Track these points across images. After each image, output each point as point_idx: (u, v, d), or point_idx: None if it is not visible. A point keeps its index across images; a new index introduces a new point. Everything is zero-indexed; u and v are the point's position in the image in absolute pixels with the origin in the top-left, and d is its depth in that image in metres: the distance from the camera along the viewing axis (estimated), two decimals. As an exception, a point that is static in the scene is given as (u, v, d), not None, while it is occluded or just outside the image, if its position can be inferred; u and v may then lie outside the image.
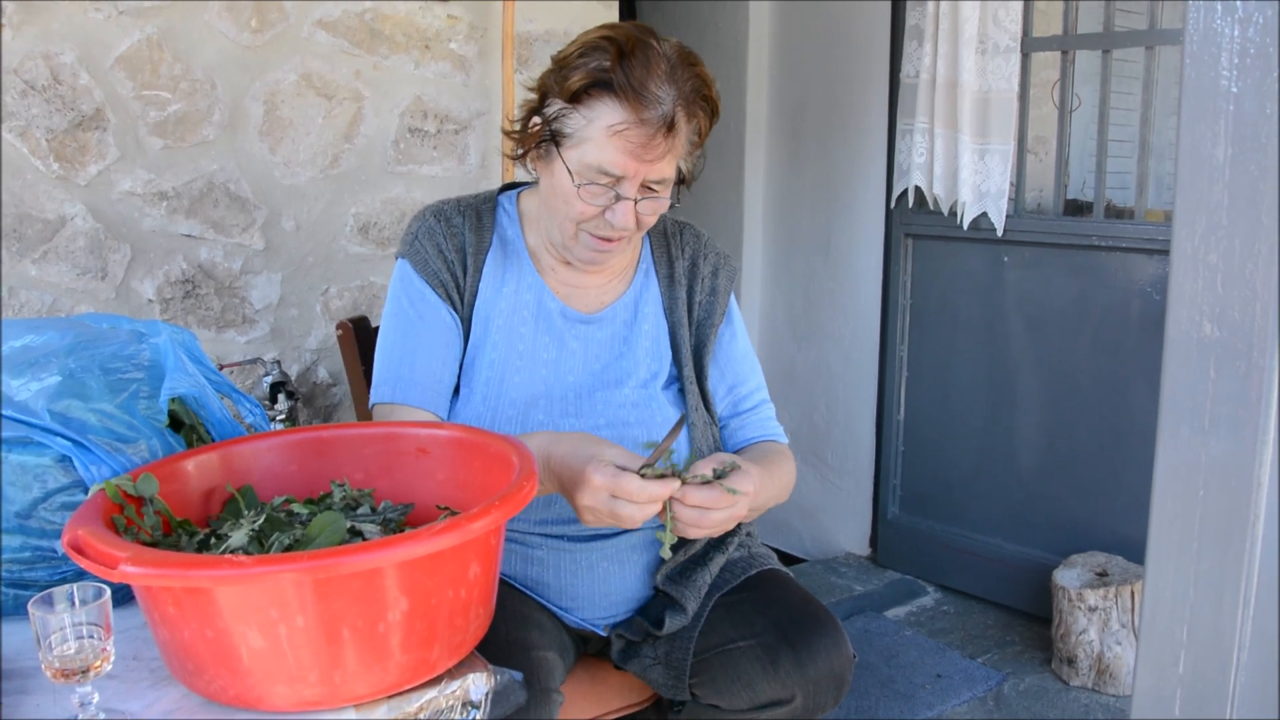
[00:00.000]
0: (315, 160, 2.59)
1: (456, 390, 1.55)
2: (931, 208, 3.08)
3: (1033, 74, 2.98)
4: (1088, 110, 3.42)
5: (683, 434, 1.54)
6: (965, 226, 2.99)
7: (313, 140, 2.58)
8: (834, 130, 3.47)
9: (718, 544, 1.61)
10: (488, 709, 1.05)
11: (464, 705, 1.03)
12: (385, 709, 0.98)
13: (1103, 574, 2.71)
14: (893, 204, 3.27)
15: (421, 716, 1.00)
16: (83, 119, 2.28)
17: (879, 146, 3.32)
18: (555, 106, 1.45)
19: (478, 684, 1.04)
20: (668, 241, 1.65)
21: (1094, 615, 2.61)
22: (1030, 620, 3.02)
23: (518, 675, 1.08)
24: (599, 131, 1.40)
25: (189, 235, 2.45)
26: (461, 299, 1.54)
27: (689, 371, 1.60)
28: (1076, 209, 3.30)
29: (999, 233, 2.94)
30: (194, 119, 2.42)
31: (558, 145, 1.45)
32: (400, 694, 0.99)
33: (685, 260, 1.63)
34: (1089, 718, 2.54)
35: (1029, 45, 2.91)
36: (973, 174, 2.92)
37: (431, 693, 1.01)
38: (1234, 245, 0.85)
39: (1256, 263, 0.82)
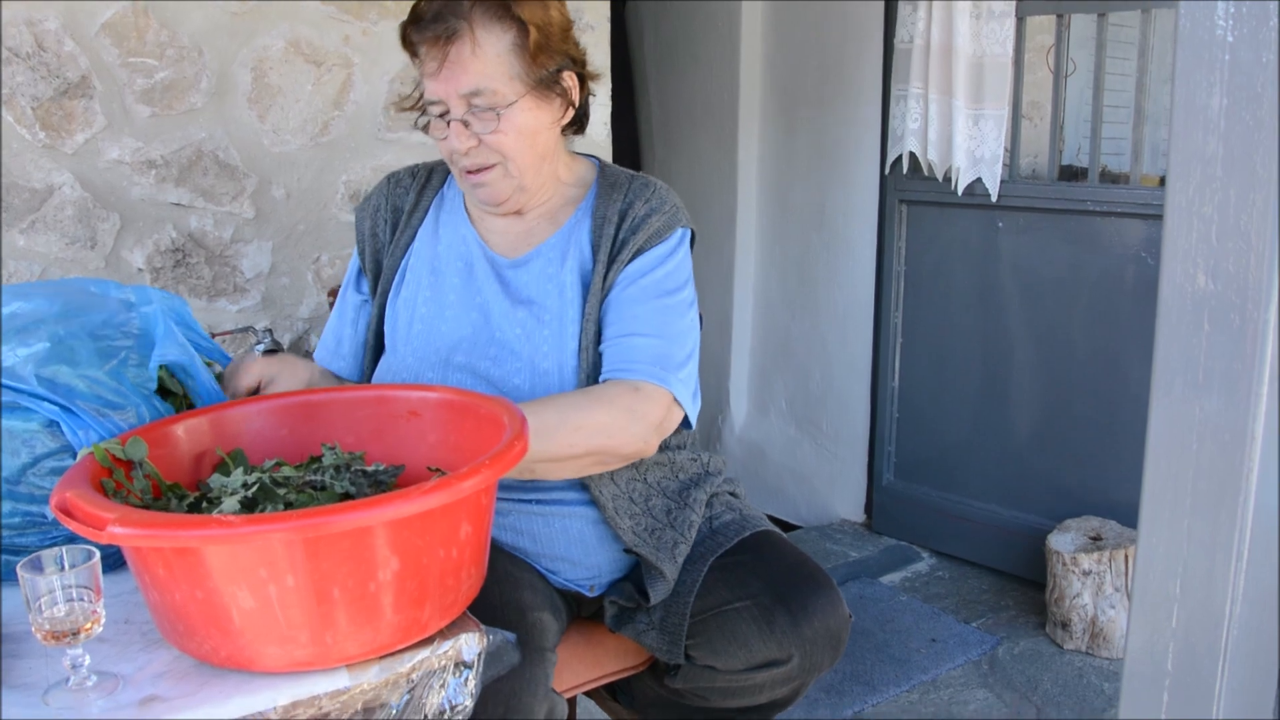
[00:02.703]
0: (305, 128, 2.57)
1: (382, 340, 1.64)
2: (926, 174, 3.07)
3: (1027, 39, 2.96)
4: (1083, 75, 3.39)
5: None
6: (960, 192, 2.97)
7: (302, 107, 2.56)
8: (828, 98, 3.44)
9: (680, 501, 1.60)
10: (480, 669, 1.04)
11: (457, 665, 1.02)
12: (377, 669, 0.98)
13: (1097, 538, 2.71)
14: (887, 170, 3.25)
15: (414, 677, 1.00)
16: (68, 86, 2.25)
17: (873, 113, 3.30)
18: None
19: (470, 644, 1.03)
20: (613, 190, 1.60)
21: (1088, 579, 2.62)
22: (1024, 585, 3.03)
23: (511, 636, 1.08)
24: (419, 71, 1.50)
25: (178, 204, 2.43)
26: (381, 258, 1.66)
27: (593, 304, 1.54)
28: (1071, 175, 3.29)
29: (994, 198, 2.93)
30: (181, 86, 2.39)
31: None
32: (392, 654, 0.99)
33: (623, 202, 1.58)
34: (1083, 680, 2.56)
35: (1023, 9, 2.89)
36: (967, 139, 2.91)
37: (424, 653, 1.01)
38: (1229, 197, 0.84)
39: (1251, 214, 0.81)
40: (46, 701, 0.93)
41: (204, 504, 1.10)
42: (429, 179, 1.69)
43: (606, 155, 2.92)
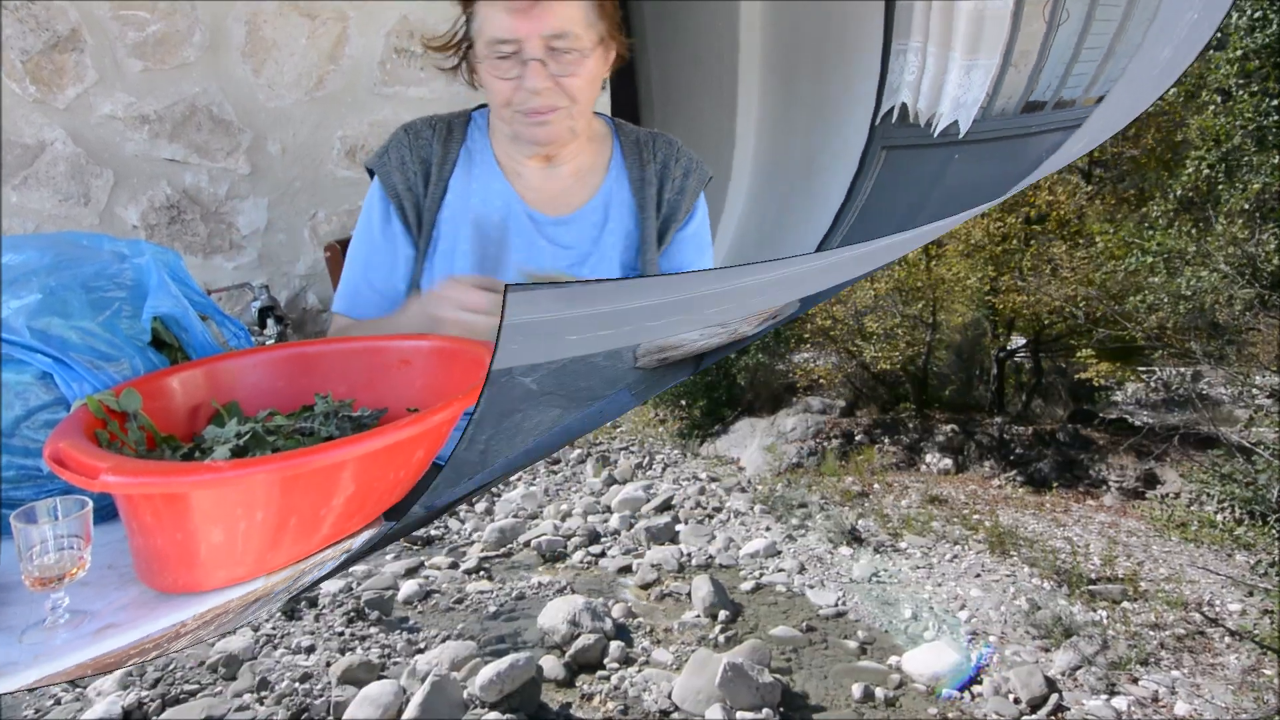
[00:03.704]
0: (300, 82, 2.55)
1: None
2: (911, 121, 3.06)
3: (1027, -10, 2.93)
4: (1074, 23, 3.35)
5: None
6: (936, 134, 2.97)
7: (297, 61, 2.54)
8: (828, 56, 3.40)
9: None
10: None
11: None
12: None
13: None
14: (878, 122, 3.23)
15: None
16: (59, 40, 2.23)
17: (871, 72, 3.26)
18: (465, 9, 1.52)
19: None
20: (640, 149, 1.65)
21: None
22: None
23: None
24: (485, 7, 1.47)
25: (172, 160, 2.42)
26: (420, 211, 1.60)
27: (651, 256, 1.63)
28: (1034, 108, 3.27)
29: (961, 135, 2.93)
30: (174, 40, 2.37)
31: (472, 42, 1.52)
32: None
33: (657, 164, 1.64)
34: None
35: (1025, -39, 2.85)
36: (956, 88, 2.90)
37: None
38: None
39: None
40: (22, 640, 0.96)
41: (197, 454, 1.10)
42: (450, 132, 1.66)
43: (607, 111, 2.89)
